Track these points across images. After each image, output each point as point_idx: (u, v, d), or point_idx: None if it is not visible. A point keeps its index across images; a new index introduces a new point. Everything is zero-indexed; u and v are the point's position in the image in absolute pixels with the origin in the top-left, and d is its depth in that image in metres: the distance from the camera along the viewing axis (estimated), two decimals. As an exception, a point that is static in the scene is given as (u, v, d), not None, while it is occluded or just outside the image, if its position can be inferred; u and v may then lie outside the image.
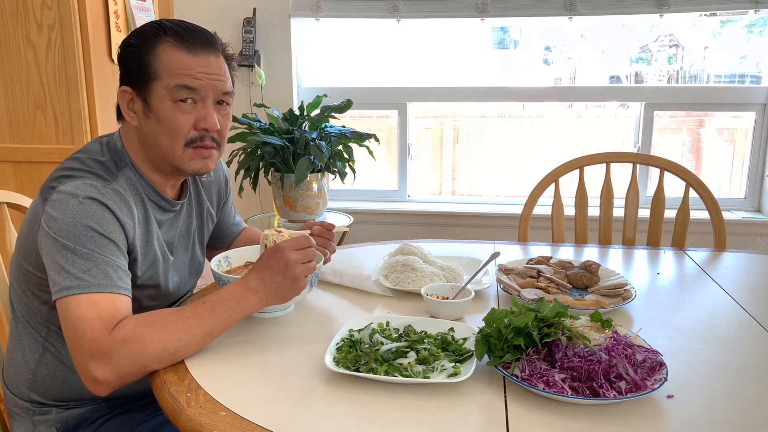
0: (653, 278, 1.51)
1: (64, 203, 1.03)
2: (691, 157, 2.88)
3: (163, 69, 1.11)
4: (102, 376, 0.97)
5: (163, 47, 1.11)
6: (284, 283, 1.09)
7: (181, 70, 1.11)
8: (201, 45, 1.13)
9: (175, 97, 1.12)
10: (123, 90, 1.15)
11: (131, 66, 1.14)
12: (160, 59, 1.11)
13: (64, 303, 1.00)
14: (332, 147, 2.40)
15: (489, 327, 1.01)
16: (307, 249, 1.11)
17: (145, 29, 1.14)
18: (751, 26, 2.72)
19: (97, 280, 1.01)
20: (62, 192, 1.04)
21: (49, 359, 1.18)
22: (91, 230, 1.03)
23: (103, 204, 1.05)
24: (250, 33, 2.71)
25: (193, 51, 1.13)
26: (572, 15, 2.59)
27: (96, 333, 0.97)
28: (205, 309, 1.04)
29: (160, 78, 1.11)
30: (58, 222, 1.02)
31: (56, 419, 1.19)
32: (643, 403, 0.91)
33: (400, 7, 2.67)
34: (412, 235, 2.80)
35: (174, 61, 1.11)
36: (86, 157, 1.14)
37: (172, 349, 1.00)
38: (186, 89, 1.12)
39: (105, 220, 1.05)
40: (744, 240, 2.67)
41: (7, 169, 2.23)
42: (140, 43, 1.12)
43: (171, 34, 1.12)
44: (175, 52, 1.12)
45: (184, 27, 1.14)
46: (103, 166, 1.13)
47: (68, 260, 1.01)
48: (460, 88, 2.88)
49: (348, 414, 0.89)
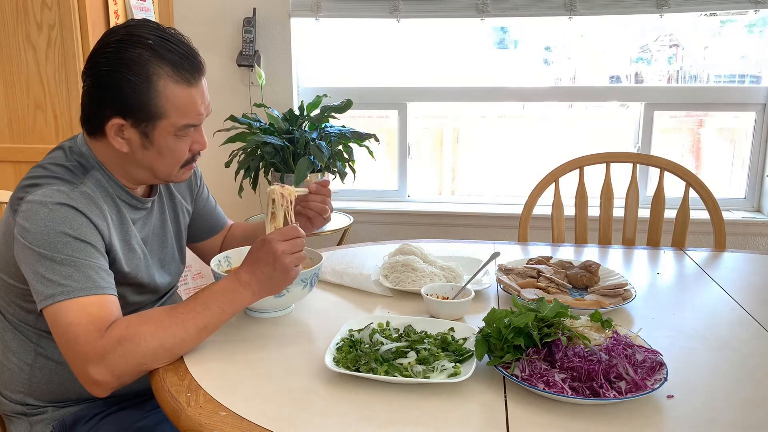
0: (653, 278, 1.51)
1: (35, 212, 1.02)
2: (691, 157, 2.88)
3: (170, 108, 1.08)
4: (100, 378, 0.97)
5: (164, 83, 1.07)
6: (275, 275, 1.09)
7: (187, 108, 1.10)
8: (196, 71, 1.11)
9: (180, 133, 1.12)
10: (112, 121, 1.08)
11: (128, 101, 1.07)
12: (164, 97, 1.07)
13: (51, 311, 1.00)
14: (332, 147, 2.40)
15: (489, 327, 1.01)
16: (294, 239, 1.11)
17: (134, 56, 1.05)
18: (751, 26, 2.72)
19: (80, 284, 1.00)
20: (31, 202, 1.03)
21: (43, 362, 1.17)
22: (65, 236, 1.02)
23: (74, 208, 1.04)
24: (250, 33, 2.71)
25: (192, 81, 1.10)
26: (572, 15, 2.59)
27: (89, 336, 0.97)
28: (198, 304, 1.04)
29: (167, 117, 1.09)
30: (31, 232, 1.02)
31: (52, 417, 1.19)
32: (643, 403, 0.91)
33: (400, 7, 2.67)
34: (412, 235, 2.80)
35: (179, 98, 1.09)
36: (50, 164, 1.12)
37: (167, 346, 1.00)
38: (192, 126, 1.13)
39: (78, 223, 1.04)
40: (744, 240, 2.67)
41: (7, 169, 2.23)
42: (136, 78, 1.05)
43: (167, 63, 1.07)
44: (177, 88, 1.08)
45: (177, 51, 1.08)
46: (69, 170, 1.11)
47: (48, 268, 1.00)
48: (460, 88, 2.88)
49: (348, 414, 0.89)
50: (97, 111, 1.10)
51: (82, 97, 1.12)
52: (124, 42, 1.07)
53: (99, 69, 1.08)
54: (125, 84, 1.06)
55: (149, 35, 1.07)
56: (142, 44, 1.06)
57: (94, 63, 1.09)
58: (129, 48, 1.06)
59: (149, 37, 1.07)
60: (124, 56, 1.06)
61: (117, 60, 1.06)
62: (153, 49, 1.06)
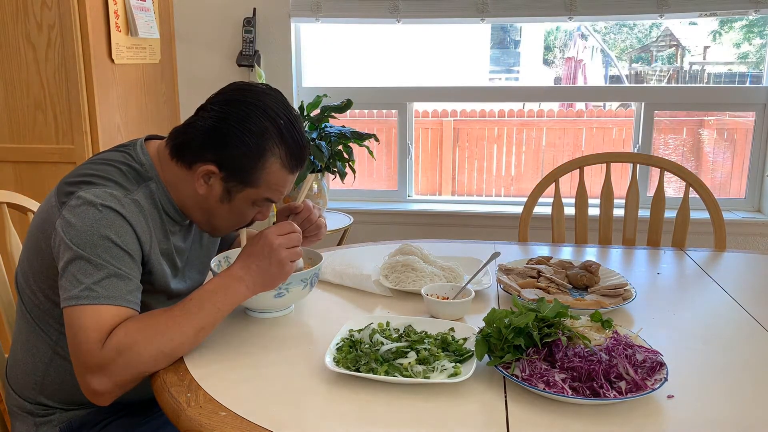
0: (653, 278, 1.51)
1: (83, 211, 1.02)
2: (691, 157, 2.88)
3: (264, 183, 1.11)
4: (100, 387, 0.97)
5: (272, 162, 1.10)
6: (270, 269, 1.09)
7: (277, 188, 1.13)
8: (302, 163, 1.14)
9: (258, 203, 1.15)
10: (207, 166, 1.10)
11: (233, 161, 1.09)
12: (266, 173, 1.10)
13: (70, 311, 0.99)
14: (332, 147, 2.40)
15: (489, 327, 1.01)
16: (290, 234, 1.11)
17: (261, 128, 1.08)
18: (751, 26, 2.72)
19: (107, 292, 1.00)
20: (81, 198, 1.03)
21: (59, 363, 1.16)
22: (108, 240, 1.02)
23: (122, 215, 1.04)
24: (250, 33, 2.71)
25: (294, 171, 1.14)
26: (572, 15, 2.59)
27: (90, 345, 0.97)
28: (193, 305, 1.04)
29: (257, 188, 1.12)
30: (75, 229, 1.01)
31: (59, 420, 1.19)
32: (643, 403, 0.91)
33: (401, 7, 2.67)
34: (412, 235, 2.80)
35: (277, 179, 1.12)
36: (107, 164, 1.12)
37: (166, 351, 1.00)
38: (270, 201, 1.16)
39: (123, 231, 1.04)
40: (744, 240, 2.67)
41: (7, 169, 2.23)
42: (254, 147, 1.08)
43: (284, 147, 1.10)
44: (281, 171, 1.12)
45: (296, 140, 1.11)
46: (124, 175, 1.11)
47: (81, 269, 1.00)
48: (460, 88, 2.88)
49: (348, 414, 0.89)
50: (197, 147, 1.11)
51: (192, 123, 1.12)
52: (258, 110, 1.09)
53: (223, 117, 1.09)
54: (240, 146, 1.08)
55: (282, 114, 1.10)
56: (273, 121, 1.09)
57: (222, 110, 1.10)
58: (261, 119, 1.08)
59: (281, 116, 1.10)
60: (253, 124, 1.08)
61: (245, 122, 1.08)
62: (280, 130, 1.09)
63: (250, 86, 1.13)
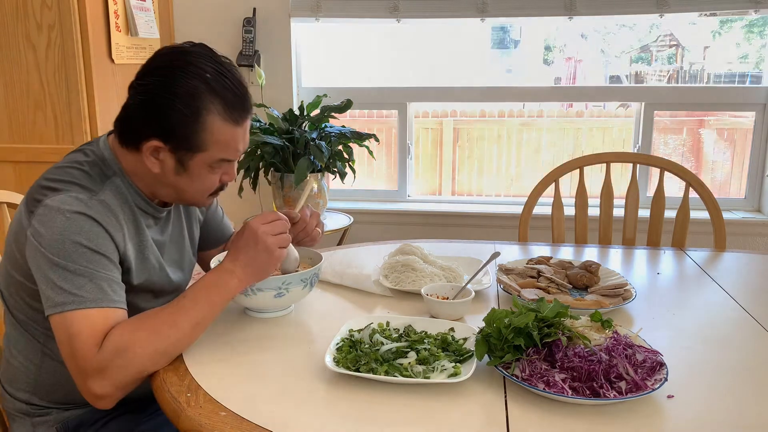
0: (653, 278, 1.51)
1: (51, 219, 1.01)
2: (691, 157, 2.88)
3: (212, 143, 1.08)
4: (102, 391, 0.97)
5: (212, 119, 1.06)
6: (258, 257, 1.09)
7: (228, 145, 1.10)
8: (245, 112, 1.10)
9: (215, 165, 1.12)
10: (151, 142, 1.07)
11: (173, 129, 1.06)
12: (209, 133, 1.07)
13: (59, 319, 0.99)
14: (332, 147, 2.40)
15: (489, 327, 1.01)
16: (275, 222, 1.11)
17: (189, 88, 1.04)
18: (751, 26, 2.72)
19: (92, 295, 1.00)
20: (48, 207, 1.02)
21: (49, 364, 1.17)
22: (80, 246, 1.01)
23: (91, 218, 1.03)
24: (250, 33, 2.71)
25: (239, 122, 1.09)
26: (572, 15, 2.59)
27: (87, 350, 0.96)
28: (187, 301, 1.04)
29: (206, 151, 1.09)
30: (46, 238, 1.01)
31: (56, 420, 1.19)
32: (643, 403, 0.91)
33: (400, 7, 2.67)
34: (412, 235, 2.80)
35: (223, 135, 1.08)
36: (70, 167, 1.10)
37: (163, 349, 1.00)
38: (228, 161, 1.13)
39: (94, 234, 1.03)
40: (744, 240, 2.67)
41: (7, 169, 2.23)
42: (187, 110, 1.04)
43: (219, 100, 1.06)
44: (224, 126, 1.07)
45: (232, 90, 1.07)
46: (88, 175, 1.10)
47: (60, 276, 1.00)
48: (460, 88, 2.88)
49: (348, 414, 0.89)
50: (138, 127, 1.08)
51: (126, 108, 1.10)
52: (181, 70, 1.05)
53: (151, 90, 1.06)
54: (174, 113, 1.05)
55: (208, 68, 1.06)
56: (200, 77, 1.05)
57: (147, 82, 1.07)
58: (186, 78, 1.04)
59: (207, 70, 1.06)
60: (179, 86, 1.04)
61: (171, 87, 1.04)
62: (209, 84, 1.05)
63: (171, 49, 1.09)
